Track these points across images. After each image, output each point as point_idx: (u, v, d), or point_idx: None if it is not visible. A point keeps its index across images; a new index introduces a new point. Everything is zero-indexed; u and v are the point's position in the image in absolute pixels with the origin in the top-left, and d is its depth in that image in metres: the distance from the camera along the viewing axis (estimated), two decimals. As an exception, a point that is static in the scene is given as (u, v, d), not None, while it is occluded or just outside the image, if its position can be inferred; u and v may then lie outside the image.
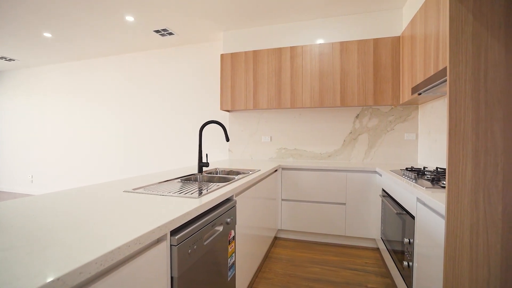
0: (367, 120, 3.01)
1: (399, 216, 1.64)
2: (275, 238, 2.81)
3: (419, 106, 2.83)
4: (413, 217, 1.42)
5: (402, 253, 1.57)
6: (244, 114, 3.46)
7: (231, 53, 3.17)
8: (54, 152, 4.80)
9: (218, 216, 1.19)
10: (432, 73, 1.83)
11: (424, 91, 1.93)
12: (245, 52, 3.11)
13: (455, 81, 1.00)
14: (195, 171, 2.09)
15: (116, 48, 3.94)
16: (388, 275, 2.05)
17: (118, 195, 1.16)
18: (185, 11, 2.85)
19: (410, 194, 1.46)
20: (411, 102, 2.63)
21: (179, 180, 1.67)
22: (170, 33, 3.41)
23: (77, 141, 4.60)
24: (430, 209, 1.21)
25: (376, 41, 2.69)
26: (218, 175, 2.13)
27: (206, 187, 1.40)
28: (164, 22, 3.11)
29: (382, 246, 2.20)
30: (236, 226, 1.45)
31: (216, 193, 1.23)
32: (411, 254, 1.42)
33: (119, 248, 0.63)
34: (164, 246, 0.82)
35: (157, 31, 3.35)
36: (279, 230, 2.84)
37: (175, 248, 0.86)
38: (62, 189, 2.93)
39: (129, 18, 3.00)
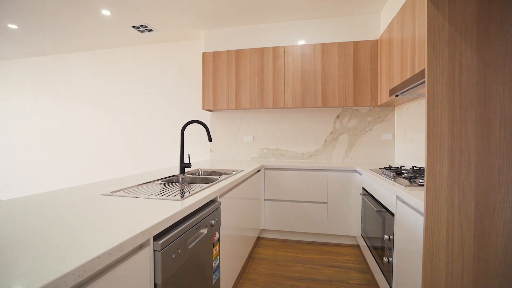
0: (347, 121, 3.09)
1: (379, 213, 1.69)
2: (258, 238, 2.81)
3: (395, 107, 2.96)
4: (393, 215, 1.47)
5: (382, 250, 1.63)
6: (226, 114, 3.42)
7: (213, 52, 3.12)
8: (21, 153, 4.47)
9: (202, 218, 1.16)
10: (408, 76, 1.91)
11: (401, 93, 2.02)
12: (227, 51, 3.08)
13: (432, 84, 1.05)
14: (177, 172, 2.03)
15: (92, 43, 3.75)
16: (368, 270, 2.11)
17: (96, 199, 1.10)
18: (164, 7, 2.77)
19: (390, 192, 1.52)
20: (388, 104, 2.74)
21: (160, 181, 1.61)
22: (150, 30, 3.29)
23: (46, 142, 4.32)
24: (409, 207, 1.26)
25: (356, 44, 2.77)
26: (200, 176, 2.09)
27: (188, 188, 1.36)
28: (143, 18, 3.00)
29: (362, 243, 2.27)
30: (220, 228, 1.43)
31: (200, 195, 1.20)
32: (391, 250, 1.47)
33: (98, 257, 0.58)
34: (147, 252, 0.78)
35: (135, 27, 3.23)
36: (262, 230, 2.84)
37: (158, 254, 0.82)
38: (32, 193, 2.72)
39: (105, 12, 2.86)
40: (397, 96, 2.14)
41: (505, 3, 0.99)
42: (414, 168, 2.01)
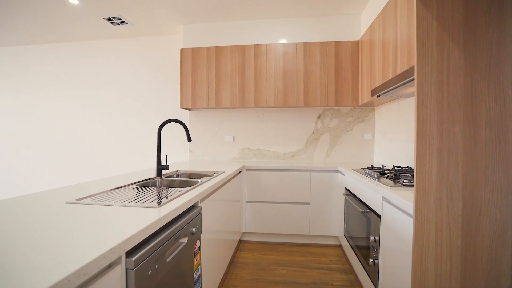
0: (328, 121, 3.10)
1: (364, 214, 1.68)
2: (240, 241, 2.72)
3: (375, 107, 3.01)
4: (378, 216, 1.46)
5: (367, 250, 1.62)
6: (205, 113, 3.30)
7: (192, 48, 2.99)
8: (-26, 154, 4.01)
9: (182, 226, 1.06)
10: (391, 77, 1.93)
11: (383, 93, 2.04)
12: (207, 48, 2.96)
13: (422, 83, 1.03)
14: (153, 174, 1.89)
15: (59, 34, 3.44)
16: (351, 271, 2.11)
17: (58, 208, 0.95)
18: (140, -1, 2.59)
19: (375, 193, 1.50)
20: (368, 104, 2.77)
21: (134, 186, 1.47)
22: (124, 22, 3.08)
23: (11, 141, 3.91)
24: (396, 208, 1.24)
25: (338, 44, 2.78)
26: (179, 178, 1.96)
27: (166, 193, 1.25)
28: (116, 9, 2.79)
29: (345, 243, 2.26)
30: (202, 235, 1.33)
31: (179, 200, 1.10)
32: (377, 252, 1.46)
33: (55, 285, 0.47)
34: (118, 272, 0.67)
35: (107, 19, 3.00)
36: (243, 233, 2.76)
37: (132, 272, 0.71)
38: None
39: (73, 1, 2.62)
40: (378, 96, 2.15)
41: (490, 5, 1.00)
42: (396, 168, 2.04)
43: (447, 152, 1.02)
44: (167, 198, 1.13)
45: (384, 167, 2.11)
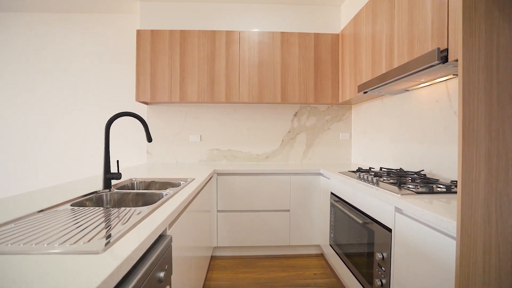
0: (305, 119, 2.89)
1: (365, 226, 1.46)
2: (211, 257, 2.34)
3: (352, 106, 2.88)
4: (388, 229, 1.23)
5: (370, 269, 1.39)
6: (167, 108, 2.83)
7: (151, 30, 2.50)
8: None
9: (147, 275, 0.68)
10: (384, 71, 1.75)
11: (371, 89, 1.86)
12: (170, 31, 2.50)
13: (468, 70, 0.81)
14: (99, 186, 1.42)
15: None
16: (340, 285, 1.90)
17: None
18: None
19: (382, 202, 1.28)
20: (346, 102, 2.62)
21: (69, 205, 1.01)
22: (58, -9, 2.45)
23: None
24: (421, 223, 1.02)
25: (317, 36, 2.57)
26: (135, 190, 1.53)
27: (118, 218, 0.84)
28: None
29: (329, 252, 2.05)
30: (172, 276, 0.94)
31: (138, 232, 0.71)
32: (386, 272, 1.24)
33: None
34: None
35: (35, -16, 2.34)
36: (215, 248, 2.38)
37: None
38: None
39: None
40: (365, 92, 1.98)
41: None
42: (387, 170, 1.88)
43: (497, 155, 0.82)
44: (120, 230, 0.73)
45: (373, 169, 1.94)
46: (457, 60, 1.17)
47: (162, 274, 0.76)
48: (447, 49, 1.19)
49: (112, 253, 0.59)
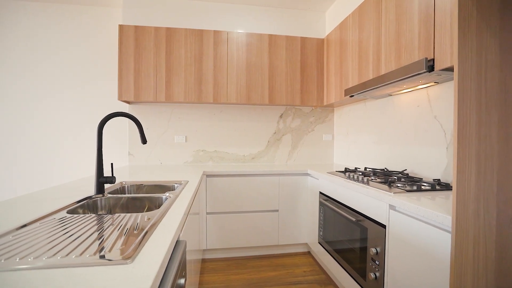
0: (290, 120, 2.95)
1: (357, 223, 1.54)
2: (202, 260, 2.30)
3: (334, 109, 3.01)
4: (382, 226, 1.32)
5: (363, 263, 1.48)
6: (150, 108, 2.72)
7: (136, 26, 2.39)
8: None
9: (174, 284, 0.66)
10: (371, 77, 1.86)
11: (358, 94, 1.96)
12: (155, 28, 2.42)
13: (463, 79, 0.90)
14: (90, 191, 1.33)
15: None
16: (329, 281, 1.98)
17: None
18: None
19: (376, 200, 1.36)
20: (329, 105, 2.73)
21: (64, 212, 0.95)
22: (29, -21, 2.25)
23: None
24: (414, 219, 1.11)
25: (304, 40, 2.64)
26: (129, 194, 1.47)
27: (127, 224, 0.81)
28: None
29: (318, 249, 2.12)
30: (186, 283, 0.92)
31: (157, 239, 0.69)
32: (380, 265, 1.32)
33: None
34: None
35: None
36: (204, 250, 2.35)
37: None
38: None
39: None
40: (352, 96, 2.09)
41: None
42: (374, 170, 1.99)
43: (484, 157, 0.92)
44: (138, 241, 0.70)
45: (359, 169, 2.05)
46: (442, 69, 1.28)
47: (182, 281, 0.75)
48: (433, 59, 1.31)
49: (142, 262, 0.57)
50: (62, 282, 0.48)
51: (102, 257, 0.59)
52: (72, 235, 0.72)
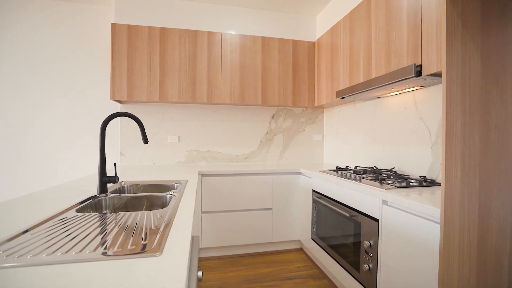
0: (282, 121, 3.03)
1: (351, 219, 1.63)
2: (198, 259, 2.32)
3: (324, 110, 3.11)
4: (375, 220, 1.41)
5: (357, 256, 1.57)
6: (143, 108, 2.70)
7: (129, 25, 2.37)
8: None
9: (196, 275, 0.70)
10: (361, 80, 1.96)
11: (349, 96, 2.07)
12: (149, 28, 2.41)
13: (450, 85, 1.00)
14: (91, 191, 1.33)
15: None
16: (323, 275, 2.06)
17: None
18: None
19: (369, 196, 1.46)
20: (319, 106, 2.83)
21: (72, 212, 0.96)
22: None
23: None
24: (406, 212, 1.20)
25: (295, 43, 2.73)
26: (132, 194, 1.48)
27: (142, 222, 0.84)
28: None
29: (311, 245, 2.21)
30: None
31: (176, 235, 0.73)
32: (374, 257, 1.41)
33: None
34: None
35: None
36: (200, 249, 2.37)
37: None
38: None
39: None
40: (342, 98, 2.19)
41: (504, 7, 1.05)
42: (364, 168, 2.10)
43: (468, 155, 1.03)
44: (155, 234, 0.74)
45: (349, 168, 2.15)
46: (429, 75, 1.39)
47: (200, 274, 0.79)
48: (421, 65, 1.42)
49: (170, 254, 0.61)
50: (120, 270, 0.52)
51: (132, 250, 0.62)
52: (99, 232, 0.74)
